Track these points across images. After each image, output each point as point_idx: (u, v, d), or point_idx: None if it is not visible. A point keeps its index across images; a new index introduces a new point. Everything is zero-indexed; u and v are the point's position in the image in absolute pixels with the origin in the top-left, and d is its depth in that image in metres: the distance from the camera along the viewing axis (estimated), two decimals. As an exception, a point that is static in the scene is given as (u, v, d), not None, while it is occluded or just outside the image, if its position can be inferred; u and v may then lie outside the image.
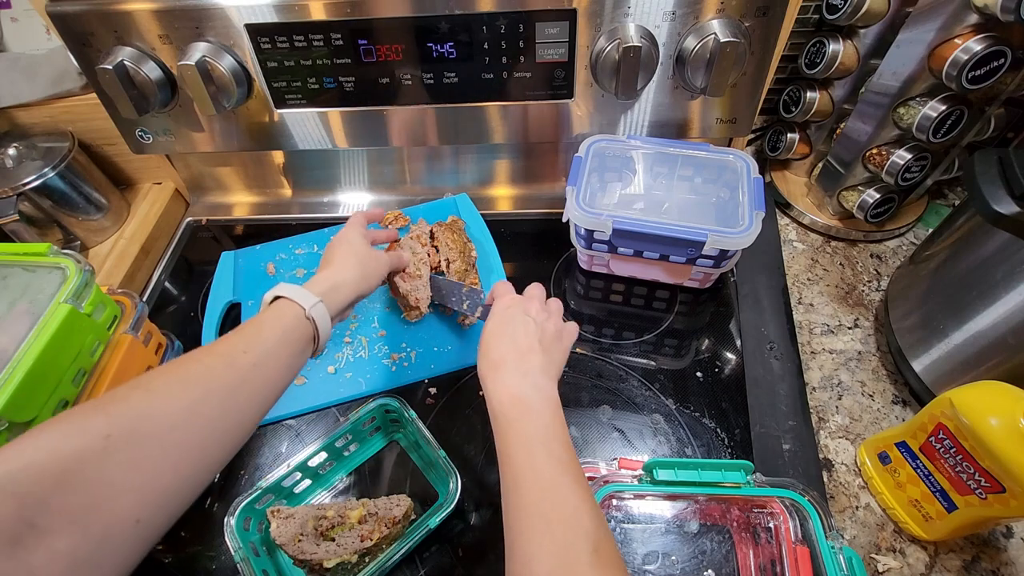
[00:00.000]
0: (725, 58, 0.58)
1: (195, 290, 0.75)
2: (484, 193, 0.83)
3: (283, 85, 0.67)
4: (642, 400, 0.60)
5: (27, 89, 0.71)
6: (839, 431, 0.59)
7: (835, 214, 0.76)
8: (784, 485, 0.47)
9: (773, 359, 0.62)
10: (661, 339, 0.66)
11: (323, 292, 0.47)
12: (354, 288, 0.51)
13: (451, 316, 0.67)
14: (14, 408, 0.44)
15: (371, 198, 0.85)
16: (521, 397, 0.43)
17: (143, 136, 0.73)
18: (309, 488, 0.56)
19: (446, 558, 0.52)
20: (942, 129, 0.61)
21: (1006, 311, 0.50)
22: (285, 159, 0.82)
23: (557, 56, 0.63)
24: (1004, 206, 0.48)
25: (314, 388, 0.63)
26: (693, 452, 0.56)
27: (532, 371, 0.44)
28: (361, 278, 0.52)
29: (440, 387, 0.63)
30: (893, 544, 0.52)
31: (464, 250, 0.69)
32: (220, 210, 0.86)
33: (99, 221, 0.77)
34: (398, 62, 0.64)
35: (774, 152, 0.80)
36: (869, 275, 0.72)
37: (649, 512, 0.52)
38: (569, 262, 0.74)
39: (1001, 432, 0.41)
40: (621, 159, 0.69)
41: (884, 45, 0.62)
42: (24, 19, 0.73)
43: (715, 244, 0.58)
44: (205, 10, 0.60)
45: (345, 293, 0.50)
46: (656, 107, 0.68)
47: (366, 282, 0.53)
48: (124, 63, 0.61)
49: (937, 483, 0.48)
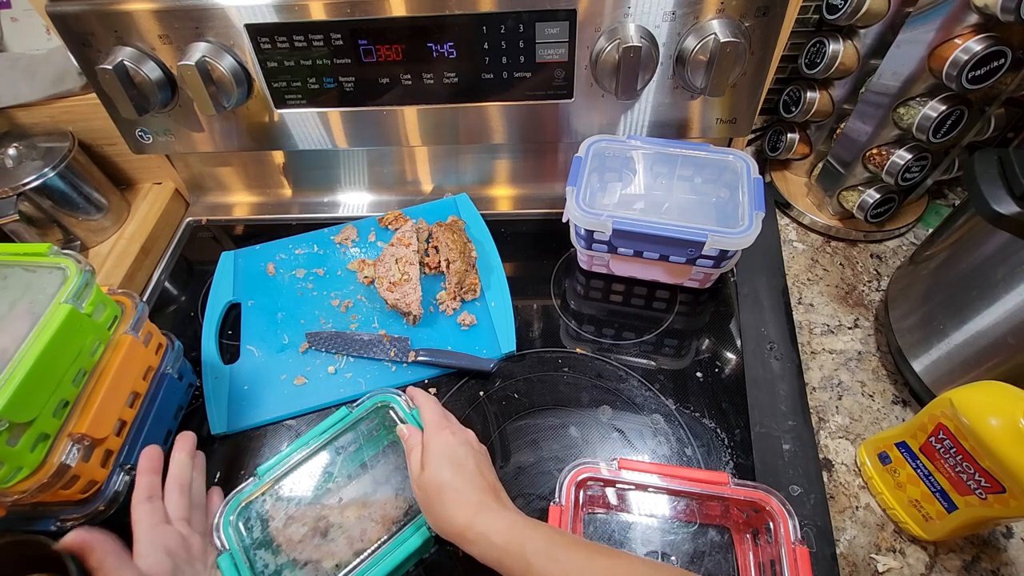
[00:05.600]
0: (725, 58, 0.58)
1: (195, 290, 0.75)
2: (484, 193, 0.83)
3: (283, 85, 0.67)
4: (642, 400, 0.60)
5: (27, 89, 0.71)
6: (839, 431, 0.59)
7: (835, 214, 0.76)
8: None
9: (773, 359, 0.62)
10: (661, 339, 0.66)
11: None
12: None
13: (451, 316, 0.68)
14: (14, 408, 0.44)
15: (371, 198, 0.85)
16: (517, 523, 0.41)
17: (143, 136, 0.73)
18: (307, 487, 0.56)
19: (446, 558, 0.52)
20: (942, 129, 0.61)
21: (1006, 311, 0.50)
22: (285, 159, 0.82)
23: (557, 56, 0.63)
24: (1004, 206, 0.48)
25: (314, 388, 0.63)
26: (693, 452, 0.56)
27: (500, 491, 0.44)
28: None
29: (440, 387, 0.63)
30: (893, 544, 0.52)
31: (464, 250, 0.69)
32: (220, 210, 0.86)
33: (99, 221, 0.77)
34: (398, 62, 0.64)
35: (774, 152, 0.80)
36: (869, 275, 0.72)
37: (649, 511, 0.52)
38: (569, 262, 0.74)
39: (1001, 432, 0.41)
40: (621, 159, 0.69)
41: (884, 45, 0.62)
42: (24, 19, 0.73)
43: (715, 244, 0.58)
44: (205, 10, 0.60)
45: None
46: (656, 107, 0.68)
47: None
48: (124, 63, 0.61)
49: (937, 483, 0.48)
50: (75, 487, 0.49)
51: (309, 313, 0.69)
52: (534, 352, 0.65)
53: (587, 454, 0.57)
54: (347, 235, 0.77)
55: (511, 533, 0.40)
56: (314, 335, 0.66)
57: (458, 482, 0.43)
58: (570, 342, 0.66)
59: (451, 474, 0.44)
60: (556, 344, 0.66)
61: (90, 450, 0.49)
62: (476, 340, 0.65)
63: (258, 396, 0.62)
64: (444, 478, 0.44)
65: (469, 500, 0.42)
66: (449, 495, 0.43)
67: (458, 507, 0.42)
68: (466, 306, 0.69)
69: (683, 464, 0.56)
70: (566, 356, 0.64)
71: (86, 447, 0.49)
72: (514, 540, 0.39)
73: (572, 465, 0.49)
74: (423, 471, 0.45)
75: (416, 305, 0.64)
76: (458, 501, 0.42)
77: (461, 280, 0.68)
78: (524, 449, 0.58)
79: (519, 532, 0.40)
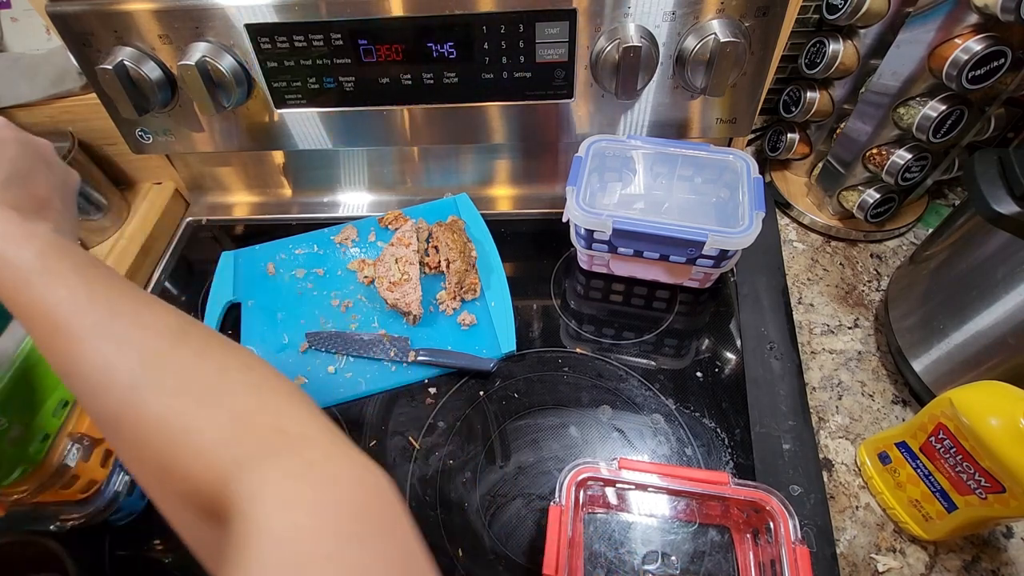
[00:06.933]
0: (725, 58, 0.58)
1: (195, 290, 0.75)
2: (484, 193, 0.83)
3: (283, 85, 0.67)
4: (642, 400, 0.60)
5: (27, 89, 0.71)
6: (839, 431, 0.59)
7: (835, 214, 0.76)
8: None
9: (773, 359, 0.62)
10: (661, 339, 0.66)
11: None
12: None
13: (451, 316, 0.68)
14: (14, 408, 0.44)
15: (371, 198, 0.85)
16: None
17: (143, 136, 0.73)
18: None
19: (446, 559, 0.52)
20: (942, 129, 0.61)
21: (1006, 311, 0.50)
22: (285, 159, 0.82)
23: (557, 56, 0.63)
24: (1004, 206, 0.48)
25: (314, 388, 0.63)
26: (693, 452, 0.56)
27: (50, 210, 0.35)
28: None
29: (440, 387, 0.63)
30: (893, 544, 0.52)
31: (464, 250, 0.69)
32: (220, 210, 0.86)
33: (99, 221, 0.77)
34: (398, 62, 0.64)
35: (774, 152, 0.80)
36: (869, 275, 0.72)
37: (649, 511, 0.52)
38: (569, 262, 0.74)
39: (1001, 432, 0.41)
40: (621, 159, 0.69)
41: (884, 45, 0.62)
42: (24, 19, 0.73)
43: (715, 244, 0.58)
44: (205, 10, 0.60)
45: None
46: (656, 107, 0.68)
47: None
48: (124, 63, 0.61)
49: (937, 483, 0.48)
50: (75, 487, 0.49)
51: (309, 313, 0.69)
52: (534, 352, 0.65)
53: (587, 454, 0.57)
54: (347, 235, 0.77)
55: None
56: (314, 335, 0.66)
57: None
58: (570, 342, 0.66)
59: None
60: (556, 344, 0.66)
61: (90, 450, 0.49)
62: (476, 340, 0.65)
63: (258, 396, 0.62)
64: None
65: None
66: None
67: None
68: (466, 306, 0.69)
69: (683, 464, 0.56)
70: (566, 356, 0.64)
71: (86, 447, 0.49)
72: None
73: (572, 465, 0.49)
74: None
75: (416, 305, 0.64)
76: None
77: (461, 280, 0.68)
78: (524, 449, 0.58)
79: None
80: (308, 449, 0.27)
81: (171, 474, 0.28)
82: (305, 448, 0.27)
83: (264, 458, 0.26)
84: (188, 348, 0.31)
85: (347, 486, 0.26)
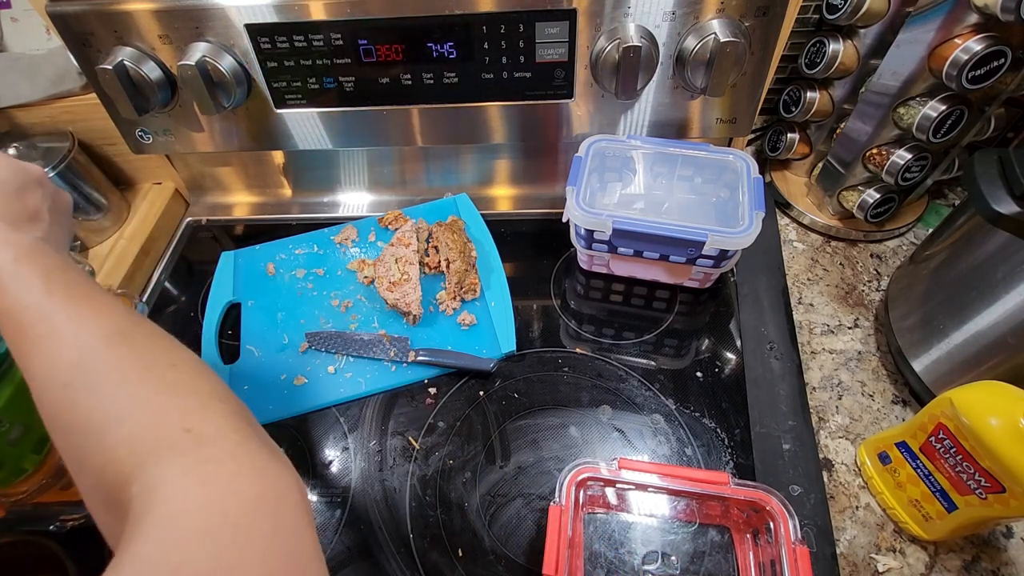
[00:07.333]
0: (725, 58, 0.58)
1: (195, 290, 0.75)
2: (484, 193, 0.83)
3: (283, 85, 0.67)
4: (642, 400, 0.60)
5: (27, 89, 0.71)
6: (839, 431, 0.59)
7: (835, 214, 0.76)
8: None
9: (773, 359, 0.62)
10: (661, 339, 0.66)
11: None
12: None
13: (451, 316, 0.68)
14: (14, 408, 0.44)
15: (371, 198, 0.85)
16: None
17: (143, 136, 0.73)
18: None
19: (445, 558, 0.52)
20: (942, 129, 0.61)
21: (1006, 311, 0.50)
22: (285, 159, 0.82)
23: (557, 56, 0.63)
24: (1004, 206, 0.48)
25: (314, 388, 0.63)
26: (693, 452, 0.56)
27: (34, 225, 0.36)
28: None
29: (440, 387, 0.63)
30: (893, 544, 0.52)
31: (464, 250, 0.69)
32: (220, 210, 0.86)
33: (99, 221, 0.77)
34: (398, 62, 0.64)
35: (774, 152, 0.80)
36: (869, 275, 0.72)
37: (649, 511, 0.52)
38: (569, 262, 0.74)
39: (1001, 432, 0.41)
40: (621, 159, 0.69)
41: (884, 45, 0.62)
42: (24, 19, 0.72)
43: (715, 244, 0.58)
44: (205, 10, 0.60)
45: None
46: (656, 107, 0.68)
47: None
48: (124, 63, 0.61)
49: (937, 483, 0.48)
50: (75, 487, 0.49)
51: (309, 313, 0.69)
52: (534, 352, 0.65)
53: (587, 454, 0.57)
54: (347, 235, 0.77)
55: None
56: (314, 335, 0.66)
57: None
58: (570, 342, 0.66)
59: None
60: (556, 344, 0.66)
61: (90, 450, 0.49)
62: (476, 340, 0.65)
63: (258, 396, 0.62)
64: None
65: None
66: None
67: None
68: (466, 306, 0.69)
69: (683, 464, 0.56)
70: (566, 356, 0.64)
71: (86, 447, 0.49)
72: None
73: (572, 465, 0.49)
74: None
75: (416, 305, 0.64)
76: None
77: (461, 280, 0.68)
78: (524, 449, 0.58)
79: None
80: (210, 448, 0.28)
81: (86, 469, 0.29)
82: (208, 447, 0.28)
83: (165, 456, 0.27)
84: (123, 348, 0.31)
85: (243, 485, 0.27)
